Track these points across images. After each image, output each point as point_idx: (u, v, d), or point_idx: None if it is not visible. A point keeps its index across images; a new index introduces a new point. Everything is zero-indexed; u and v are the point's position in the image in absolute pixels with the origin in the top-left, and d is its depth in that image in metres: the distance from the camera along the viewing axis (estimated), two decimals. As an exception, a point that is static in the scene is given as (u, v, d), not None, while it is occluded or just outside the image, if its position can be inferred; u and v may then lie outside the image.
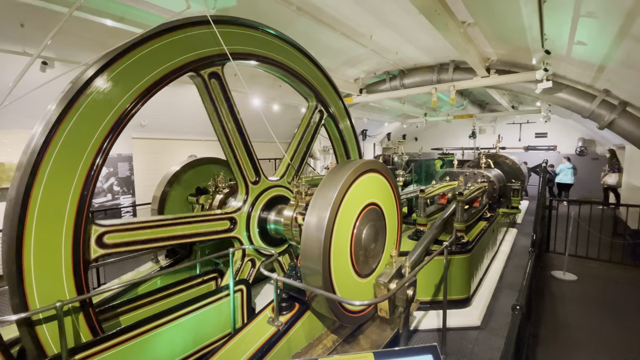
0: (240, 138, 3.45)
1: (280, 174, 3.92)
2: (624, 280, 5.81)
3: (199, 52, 3.00)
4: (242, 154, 3.46)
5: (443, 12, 4.08)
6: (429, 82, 8.49)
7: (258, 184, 3.60)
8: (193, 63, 2.95)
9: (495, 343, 3.91)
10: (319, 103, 4.32)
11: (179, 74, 2.86)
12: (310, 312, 2.89)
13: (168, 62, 2.77)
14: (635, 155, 10.03)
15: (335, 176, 2.71)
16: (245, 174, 3.48)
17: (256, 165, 3.58)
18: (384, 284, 2.81)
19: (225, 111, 3.37)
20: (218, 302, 3.13)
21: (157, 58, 2.66)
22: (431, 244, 4.41)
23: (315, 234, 2.52)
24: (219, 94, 3.30)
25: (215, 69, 3.19)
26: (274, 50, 3.63)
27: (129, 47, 2.55)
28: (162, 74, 2.73)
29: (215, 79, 3.24)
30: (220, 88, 3.29)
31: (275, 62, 3.68)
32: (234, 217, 3.41)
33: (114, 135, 2.46)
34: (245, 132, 3.52)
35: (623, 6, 3.06)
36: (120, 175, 7.88)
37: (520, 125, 18.83)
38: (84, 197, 2.32)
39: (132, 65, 2.54)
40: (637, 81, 4.79)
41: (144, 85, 2.62)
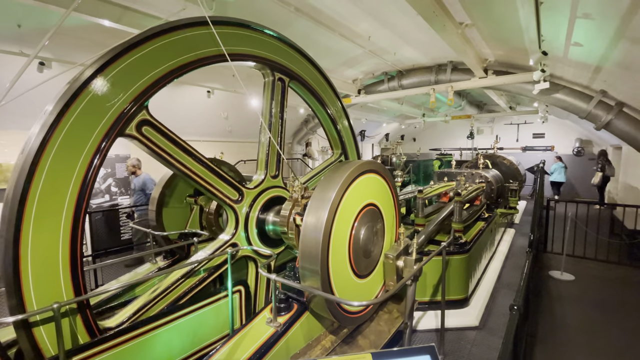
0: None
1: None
2: (621, 280, 5.84)
3: (197, 52, 2.99)
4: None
5: (441, 14, 4.09)
6: (427, 82, 8.52)
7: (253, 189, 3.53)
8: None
9: (494, 343, 3.92)
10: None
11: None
12: (309, 313, 2.89)
13: (166, 63, 2.76)
14: (631, 156, 10.09)
15: (334, 177, 2.71)
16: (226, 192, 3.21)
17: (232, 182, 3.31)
18: (392, 257, 2.99)
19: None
20: (216, 303, 3.13)
21: (155, 59, 2.66)
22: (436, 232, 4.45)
23: (314, 234, 2.52)
24: None
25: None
26: (271, 50, 3.56)
27: (128, 48, 2.54)
28: (160, 75, 2.72)
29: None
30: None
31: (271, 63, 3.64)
32: (235, 242, 3.34)
33: (112, 135, 2.45)
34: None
35: (619, 7, 3.08)
36: (118, 176, 7.86)
37: (517, 125, 18.92)
38: (82, 198, 2.31)
39: (131, 66, 2.53)
40: (633, 82, 4.83)
41: (142, 85, 2.61)
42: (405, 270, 3.10)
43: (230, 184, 3.19)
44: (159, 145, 2.63)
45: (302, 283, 2.63)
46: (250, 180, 3.57)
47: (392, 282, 3.11)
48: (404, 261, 3.13)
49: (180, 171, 2.79)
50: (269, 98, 3.57)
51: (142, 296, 2.84)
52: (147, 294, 2.84)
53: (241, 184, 3.35)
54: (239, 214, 3.30)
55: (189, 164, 2.82)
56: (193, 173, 2.85)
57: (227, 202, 3.19)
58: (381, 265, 3.26)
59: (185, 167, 2.79)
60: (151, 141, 2.59)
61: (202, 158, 2.90)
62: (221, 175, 3.10)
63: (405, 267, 3.10)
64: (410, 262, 3.06)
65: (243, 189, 3.32)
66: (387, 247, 3.38)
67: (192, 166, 2.84)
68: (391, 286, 3.09)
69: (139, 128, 2.51)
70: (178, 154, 2.75)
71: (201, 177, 2.92)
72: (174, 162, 2.73)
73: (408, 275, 3.00)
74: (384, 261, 3.18)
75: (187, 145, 2.80)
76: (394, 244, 3.32)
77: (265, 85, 3.60)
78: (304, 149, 14.23)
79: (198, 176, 2.89)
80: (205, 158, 2.95)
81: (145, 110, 2.54)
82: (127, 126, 2.46)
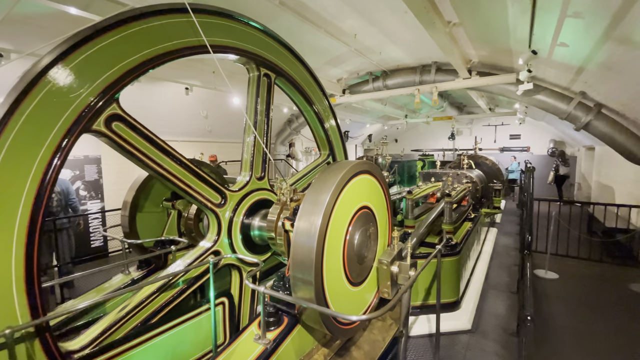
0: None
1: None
2: (602, 278, 5.97)
3: (175, 42, 2.71)
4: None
5: (430, 10, 3.99)
6: (412, 83, 8.50)
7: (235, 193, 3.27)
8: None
9: (488, 347, 3.84)
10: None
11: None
12: (300, 326, 2.67)
13: (141, 52, 2.47)
14: (604, 156, 10.51)
15: (327, 178, 2.51)
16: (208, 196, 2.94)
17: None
18: (386, 263, 2.81)
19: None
20: (197, 317, 2.86)
21: (128, 47, 2.36)
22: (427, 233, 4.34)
23: (307, 240, 2.31)
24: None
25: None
26: (257, 44, 3.32)
27: (96, 32, 2.23)
28: (133, 65, 2.42)
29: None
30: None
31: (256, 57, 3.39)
32: (218, 250, 3.07)
33: (75, 132, 2.14)
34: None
35: (610, 6, 3.07)
36: (87, 178, 7.29)
37: (495, 127, 19.48)
38: (39, 204, 1.99)
39: (100, 53, 2.22)
40: (614, 83, 4.93)
41: (112, 76, 2.30)
42: (400, 276, 2.94)
43: (212, 186, 2.92)
44: (132, 143, 2.33)
45: (294, 294, 2.41)
46: (234, 182, 3.31)
47: (387, 289, 2.95)
48: (399, 266, 2.98)
49: (156, 172, 2.50)
50: (254, 95, 3.32)
51: (109, 314, 2.53)
52: (115, 312, 2.52)
53: (224, 186, 3.08)
54: (222, 219, 3.03)
55: (166, 164, 2.54)
56: (170, 174, 2.57)
57: (209, 206, 2.92)
58: (375, 271, 3.09)
59: (161, 167, 2.51)
60: (122, 138, 2.28)
61: (180, 158, 2.63)
62: (202, 177, 2.82)
63: (400, 273, 2.96)
64: (405, 267, 2.91)
65: (226, 192, 3.05)
66: (380, 252, 3.22)
67: (170, 167, 2.56)
68: (385, 292, 2.94)
69: (108, 123, 2.21)
70: (153, 153, 2.46)
71: (180, 179, 2.64)
72: (149, 163, 2.44)
73: (402, 281, 2.86)
74: (377, 267, 3.01)
75: (163, 143, 2.52)
76: (387, 248, 3.17)
77: (250, 81, 3.35)
78: (287, 150, 13.95)
79: (176, 178, 2.62)
80: (185, 158, 2.68)
81: (115, 104, 2.24)
82: (94, 121, 2.14)
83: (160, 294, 2.70)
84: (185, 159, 2.68)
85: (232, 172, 3.56)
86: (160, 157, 2.49)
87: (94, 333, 2.38)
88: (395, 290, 2.94)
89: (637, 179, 7.40)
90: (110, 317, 2.48)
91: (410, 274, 2.83)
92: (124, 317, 2.49)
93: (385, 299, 3.39)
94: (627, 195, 8.10)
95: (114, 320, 2.45)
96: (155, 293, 2.66)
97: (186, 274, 2.81)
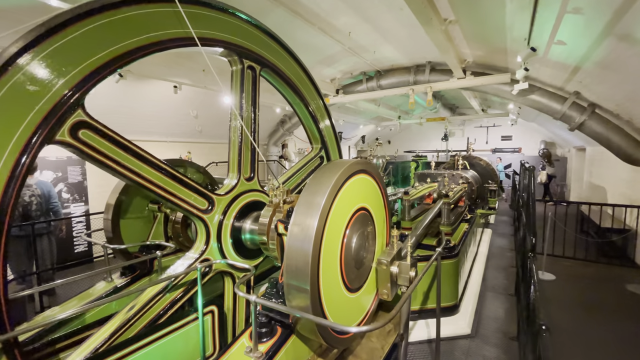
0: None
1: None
2: (599, 278, 5.93)
3: (158, 33, 2.51)
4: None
5: (428, 6, 3.89)
6: (406, 83, 8.41)
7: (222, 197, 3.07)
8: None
9: (489, 352, 3.71)
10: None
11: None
12: (295, 336, 2.49)
13: (119, 43, 2.27)
14: (596, 157, 10.59)
15: (323, 179, 2.35)
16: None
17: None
18: (386, 263, 2.68)
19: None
20: (185, 327, 2.67)
21: (104, 36, 2.16)
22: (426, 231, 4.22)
23: (302, 245, 2.14)
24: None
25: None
26: (238, 33, 3.07)
27: (65, 22, 2.03)
28: (111, 56, 2.22)
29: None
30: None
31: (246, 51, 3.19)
32: (207, 258, 2.88)
33: (35, 146, 1.91)
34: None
35: (613, 1, 2.99)
36: (70, 180, 6.98)
37: (487, 128, 19.61)
38: (5, 204, 1.78)
39: (71, 43, 2.02)
40: (610, 81, 4.89)
41: (75, 77, 2.07)
42: (400, 276, 2.80)
43: (197, 191, 2.70)
44: (103, 152, 2.10)
45: (288, 303, 2.24)
46: (222, 185, 3.11)
47: (386, 290, 2.81)
48: (399, 266, 2.84)
49: (133, 181, 2.27)
50: (238, 90, 3.10)
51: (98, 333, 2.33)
52: (103, 331, 2.32)
53: (211, 189, 2.89)
54: (210, 226, 2.83)
55: (144, 171, 2.31)
56: (150, 182, 2.35)
57: (195, 212, 2.71)
58: (373, 273, 2.95)
59: (139, 176, 2.28)
60: (92, 148, 2.05)
61: (159, 163, 2.40)
62: (185, 182, 2.60)
63: (401, 273, 2.81)
64: (406, 267, 2.77)
65: (213, 196, 2.84)
66: (379, 253, 3.08)
67: (148, 174, 2.33)
68: (385, 294, 2.80)
69: (73, 132, 1.96)
70: (129, 161, 2.22)
71: (160, 187, 2.41)
72: (125, 172, 2.21)
73: (402, 281, 2.72)
74: (376, 267, 2.87)
75: (139, 149, 2.28)
76: (386, 248, 3.03)
77: (234, 74, 3.11)
78: (280, 151, 13.76)
79: (156, 185, 2.39)
80: (164, 163, 2.44)
81: (81, 110, 2.00)
82: (57, 131, 1.89)
83: (146, 312, 2.49)
84: (166, 164, 2.44)
85: (224, 173, 3.35)
86: (137, 165, 2.27)
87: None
88: (395, 291, 2.83)
89: (629, 179, 7.43)
90: (92, 342, 2.27)
91: (411, 274, 2.71)
92: (112, 336, 2.29)
93: (383, 302, 3.26)
94: (620, 195, 8.13)
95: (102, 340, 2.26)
96: (141, 310, 2.46)
97: (173, 288, 2.61)
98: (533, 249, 3.01)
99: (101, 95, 6.79)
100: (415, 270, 2.80)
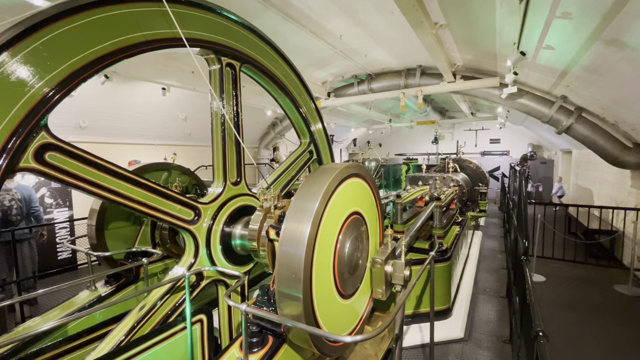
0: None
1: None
2: (587, 280, 6.01)
3: (145, 33, 2.43)
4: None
5: (419, 9, 3.88)
6: (397, 86, 8.45)
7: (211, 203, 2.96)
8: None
9: (482, 356, 3.69)
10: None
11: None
12: (287, 345, 2.42)
13: (103, 43, 2.18)
14: (582, 159, 10.81)
15: (315, 183, 2.29)
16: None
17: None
18: (380, 262, 2.66)
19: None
20: (172, 338, 2.56)
21: (88, 35, 2.07)
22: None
23: (294, 251, 2.07)
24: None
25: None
26: (211, 29, 2.75)
27: (48, 19, 1.94)
28: (95, 56, 2.13)
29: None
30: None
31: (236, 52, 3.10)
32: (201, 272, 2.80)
33: (28, 126, 1.81)
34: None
35: (601, 6, 3.03)
36: (54, 184, 6.75)
37: (476, 131, 19.89)
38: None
39: (54, 42, 1.92)
40: (597, 86, 4.97)
41: (70, 67, 1.99)
42: (394, 275, 2.76)
43: (181, 202, 2.58)
44: (75, 173, 1.94)
45: (280, 312, 2.16)
46: (211, 190, 3.01)
47: (381, 290, 2.79)
48: (393, 265, 2.79)
49: (111, 201, 2.15)
50: (218, 89, 2.99)
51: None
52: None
53: (199, 193, 2.79)
54: (199, 237, 2.74)
55: (122, 188, 2.18)
56: (129, 199, 2.21)
57: (181, 225, 2.60)
58: (367, 279, 2.89)
59: (117, 194, 2.15)
60: (62, 170, 1.88)
61: (137, 179, 2.27)
62: (167, 195, 2.47)
63: (395, 272, 2.77)
64: (400, 265, 2.73)
65: (199, 206, 2.74)
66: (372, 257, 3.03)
67: (127, 191, 2.20)
68: (379, 293, 2.78)
69: (39, 157, 1.79)
70: (105, 180, 2.08)
71: (141, 202, 2.28)
72: (101, 192, 2.07)
73: (397, 280, 2.70)
74: (371, 267, 2.82)
75: (114, 166, 2.14)
76: (380, 247, 3.01)
77: (212, 75, 2.93)
78: (271, 154, 13.66)
79: (137, 202, 2.25)
80: (143, 177, 2.30)
81: (44, 131, 1.81)
82: (20, 158, 1.73)
83: (140, 328, 2.39)
84: (145, 178, 2.32)
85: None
86: (114, 182, 2.14)
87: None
88: (389, 291, 2.81)
89: (615, 181, 7.58)
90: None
91: (405, 272, 2.69)
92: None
93: (377, 302, 3.21)
94: (606, 197, 8.30)
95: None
96: (134, 327, 2.36)
97: (162, 305, 2.51)
98: (526, 252, 3.01)
99: (86, 96, 6.62)
100: (410, 270, 2.78)
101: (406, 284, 2.84)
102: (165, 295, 2.60)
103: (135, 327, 2.43)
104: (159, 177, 3.83)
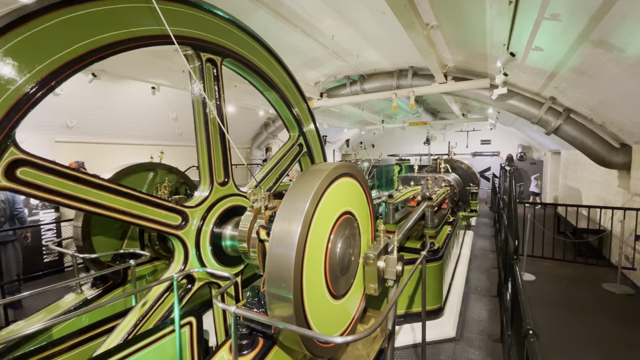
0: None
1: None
2: (577, 278, 6.09)
3: (131, 30, 2.37)
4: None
5: (410, 10, 3.90)
6: (389, 87, 8.48)
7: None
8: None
9: (474, 356, 3.71)
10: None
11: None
12: (278, 347, 2.39)
13: (88, 39, 2.12)
14: (570, 160, 10.99)
15: (306, 183, 2.27)
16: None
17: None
18: (372, 258, 2.68)
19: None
20: (160, 341, 2.51)
21: (72, 31, 2.02)
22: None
23: (285, 252, 2.05)
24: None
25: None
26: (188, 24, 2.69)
27: (31, 14, 1.88)
28: (79, 53, 2.07)
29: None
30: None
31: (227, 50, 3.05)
32: (192, 275, 2.75)
33: (9, 123, 1.75)
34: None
35: (589, 8, 3.08)
36: (40, 185, 6.60)
37: (467, 132, 20.09)
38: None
39: (36, 37, 1.87)
40: (585, 87, 5.05)
41: (53, 64, 1.94)
42: (387, 271, 2.76)
43: (167, 207, 2.52)
44: (51, 188, 1.85)
45: (270, 313, 2.13)
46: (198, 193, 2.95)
47: (374, 285, 2.79)
48: (385, 261, 2.78)
49: (94, 213, 2.08)
50: (199, 86, 2.92)
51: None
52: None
53: (189, 193, 2.74)
54: (188, 242, 2.69)
55: (104, 199, 2.09)
56: (112, 210, 2.14)
57: (169, 231, 2.55)
58: (359, 279, 2.88)
59: (99, 206, 2.07)
60: (36, 186, 1.79)
61: (119, 188, 2.20)
62: (152, 201, 2.40)
63: (387, 267, 2.77)
64: (393, 260, 2.72)
65: (186, 210, 2.67)
66: (363, 260, 3.01)
67: (109, 201, 2.13)
68: (372, 289, 2.78)
69: (9, 174, 1.71)
70: (84, 192, 1.99)
71: (124, 212, 2.21)
72: (82, 205, 2.00)
73: (390, 276, 2.71)
74: (363, 264, 2.82)
75: (93, 177, 2.06)
76: (373, 243, 3.01)
77: (191, 72, 2.83)
78: (263, 154, 13.59)
79: (120, 212, 2.18)
80: (125, 186, 2.24)
81: (13, 146, 1.71)
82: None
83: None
84: (126, 187, 2.24)
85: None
86: (94, 194, 2.06)
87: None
88: (382, 287, 2.81)
89: (603, 181, 7.72)
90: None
91: (398, 268, 2.69)
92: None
93: (370, 300, 3.20)
94: (594, 197, 8.45)
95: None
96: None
97: (152, 314, 2.46)
98: (516, 252, 3.03)
99: (73, 95, 6.48)
100: (402, 265, 2.77)
101: (399, 279, 2.84)
102: (159, 299, 2.55)
103: (131, 334, 2.37)
104: (145, 177, 3.75)
